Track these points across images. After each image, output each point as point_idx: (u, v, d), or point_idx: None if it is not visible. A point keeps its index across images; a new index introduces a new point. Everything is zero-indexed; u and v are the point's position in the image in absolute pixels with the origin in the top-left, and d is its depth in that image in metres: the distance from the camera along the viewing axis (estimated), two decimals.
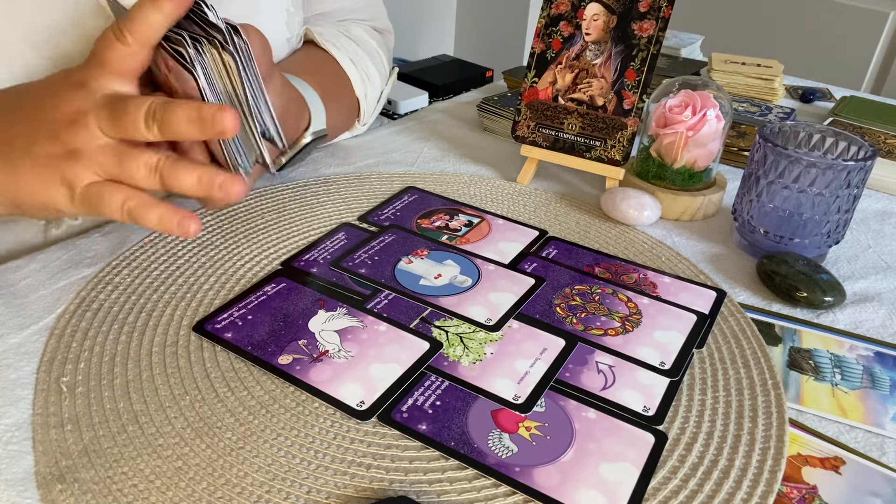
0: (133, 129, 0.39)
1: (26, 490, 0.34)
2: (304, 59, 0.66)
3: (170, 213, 0.41)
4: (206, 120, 0.39)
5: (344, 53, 0.69)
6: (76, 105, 0.40)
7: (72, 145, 0.40)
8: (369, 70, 0.71)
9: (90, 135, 0.40)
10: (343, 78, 0.68)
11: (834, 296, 0.53)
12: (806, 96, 1.01)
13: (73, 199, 0.41)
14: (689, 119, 0.62)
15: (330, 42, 0.68)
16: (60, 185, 0.41)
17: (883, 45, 1.86)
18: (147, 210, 0.40)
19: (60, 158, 0.40)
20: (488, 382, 0.42)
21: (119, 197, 0.40)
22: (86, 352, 0.43)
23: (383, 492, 0.35)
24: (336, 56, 0.68)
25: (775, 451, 0.39)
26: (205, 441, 0.37)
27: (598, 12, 0.64)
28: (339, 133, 0.73)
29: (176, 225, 0.41)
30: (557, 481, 0.36)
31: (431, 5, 2.39)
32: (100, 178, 0.41)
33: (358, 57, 0.70)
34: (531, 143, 0.68)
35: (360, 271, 0.52)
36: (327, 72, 0.66)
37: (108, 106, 0.40)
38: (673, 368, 0.44)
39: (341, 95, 0.67)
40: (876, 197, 0.73)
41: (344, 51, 0.69)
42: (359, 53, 0.71)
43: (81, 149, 0.40)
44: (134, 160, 0.40)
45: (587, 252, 0.57)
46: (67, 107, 0.40)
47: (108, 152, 0.40)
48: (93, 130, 0.40)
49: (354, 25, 0.75)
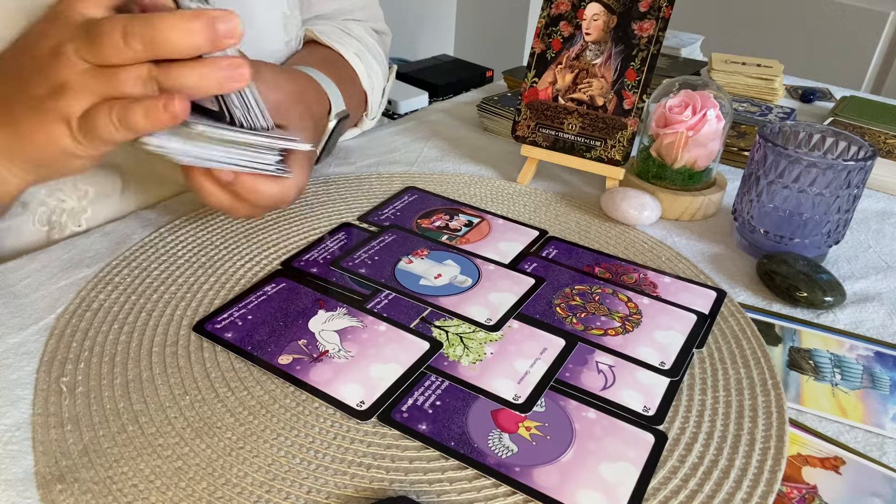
0: (112, 48, 0.37)
1: (26, 490, 0.34)
2: (311, 56, 0.66)
3: (152, 100, 0.38)
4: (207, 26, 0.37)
5: (349, 49, 0.69)
6: (54, 38, 0.39)
7: (57, 80, 0.39)
8: (372, 65, 0.72)
9: (71, 63, 0.38)
10: (350, 71, 0.68)
11: (834, 296, 0.53)
12: (806, 96, 1.01)
13: (73, 135, 0.40)
14: (690, 119, 0.62)
15: (333, 39, 0.68)
16: (58, 123, 0.39)
17: (883, 45, 1.86)
18: (131, 109, 0.38)
19: (50, 96, 0.39)
20: (488, 382, 0.42)
21: (105, 111, 0.39)
22: (86, 352, 0.43)
23: (383, 492, 0.35)
24: (341, 52, 0.68)
25: (775, 451, 0.39)
26: (205, 441, 0.37)
27: (598, 12, 0.64)
28: (350, 126, 0.72)
29: (163, 108, 0.38)
30: (557, 481, 0.36)
31: (431, 5, 2.39)
32: (90, 103, 0.39)
33: (362, 52, 0.70)
34: (531, 143, 0.68)
35: (360, 271, 0.52)
36: (336, 66, 0.66)
37: (83, 31, 0.38)
38: (673, 368, 0.44)
39: (351, 88, 0.67)
40: (876, 197, 0.73)
41: (349, 46, 0.69)
42: (361, 49, 0.71)
43: (66, 80, 0.38)
44: (123, 73, 0.38)
45: (587, 252, 0.57)
46: (46, 42, 0.39)
47: (94, 75, 0.38)
48: (73, 59, 0.38)
49: (355, 25, 0.76)
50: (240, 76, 0.39)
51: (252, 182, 0.47)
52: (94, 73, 0.39)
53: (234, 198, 0.48)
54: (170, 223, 0.57)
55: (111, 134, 0.39)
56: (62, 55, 0.39)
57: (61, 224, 0.55)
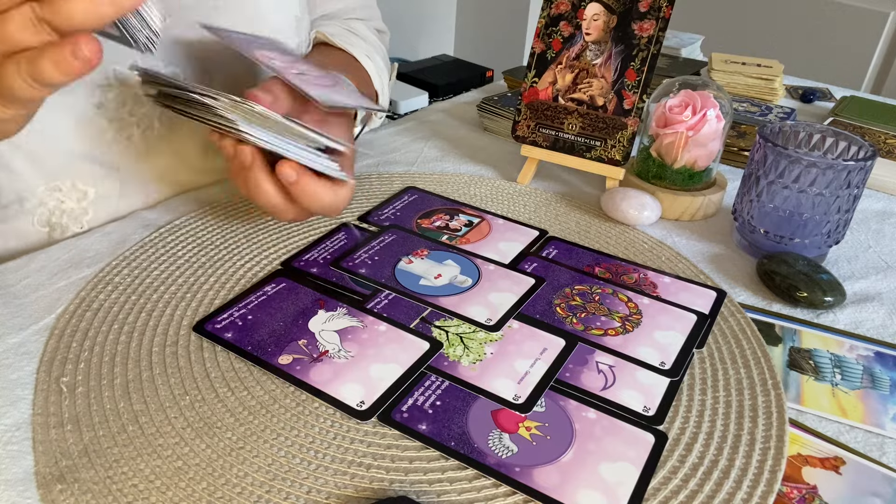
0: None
1: (26, 490, 0.34)
2: (327, 59, 0.66)
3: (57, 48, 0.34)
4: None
5: (360, 50, 0.69)
6: None
7: None
8: (380, 64, 0.72)
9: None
10: (363, 73, 0.68)
11: (834, 296, 0.53)
12: (806, 96, 1.01)
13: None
14: (690, 119, 0.62)
15: (345, 41, 0.69)
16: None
17: (883, 45, 1.86)
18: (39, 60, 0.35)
19: None
20: (488, 382, 0.42)
21: (14, 71, 0.35)
22: (86, 352, 0.43)
23: (383, 492, 0.35)
24: (354, 54, 0.68)
25: (775, 451, 0.39)
26: (205, 441, 0.37)
27: (598, 12, 0.64)
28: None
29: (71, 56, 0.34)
30: (557, 481, 0.36)
31: (431, 5, 2.39)
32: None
33: (371, 52, 0.71)
34: (531, 143, 0.68)
35: (360, 271, 0.52)
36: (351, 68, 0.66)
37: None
38: (673, 368, 0.44)
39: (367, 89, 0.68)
40: (876, 197, 0.73)
41: (359, 48, 0.69)
42: (370, 49, 0.71)
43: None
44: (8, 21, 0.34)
45: (587, 252, 0.57)
46: None
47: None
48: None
49: (357, 24, 0.76)
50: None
51: (313, 185, 0.48)
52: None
53: (288, 200, 0.49)
54: (170, 223, 0.57)
55: (29, 92, 0.36)
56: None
57: (62, 225, 0.55)
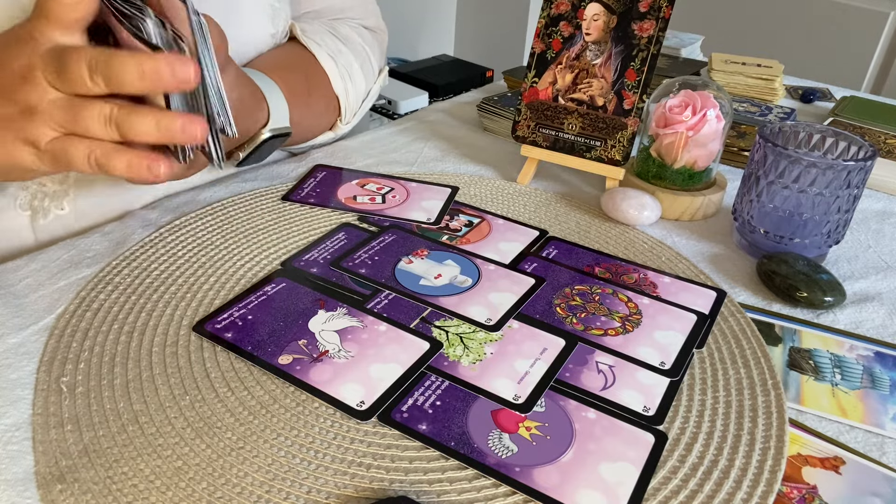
0: (78, 83, 0.38)
1: (26, 490, 0.34)
2: (280, 56, 0.65)
3: (138, 157, 0.40)
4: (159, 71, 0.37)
5: (323, 50, 0.67)
6: (24, 61, 0.39)
7: (26, 103, 0.39)
8: (352, 67, 0.70)
9: (41, 90, 0.39)
10: (320, 75, 0.67)
11: (834, 296, 0.53)
12: (806, 96, 1.01)
13: (40, 157, 0.40)
14: (690, 119, 0.62)
15: (311, 38, 0.67)
16: (24, 145, 0.40)
17: (883, 45, 1.86)
18: (114, 157, 0.40)
19: (17, 118, 0.39)
20: (488, 382, 0.42)
21: (83, 149, 0.40)
22: (86, 352, 0.43)
23: (383, 492, 0.35)
24: (315, 52, 0.67)
25: (775, 451, 0.39)
26: (205, 441, 0.37)
27: (598, 12, 0.64)
28: (316, 132, 0.71)
29: (146, 168, 0.40)
30: (557, 481, 0.36)
31: (431, 5, 2.39)
32: (59, 133, 0.40)
33: (339, 54, 0.69)
34: (531, 143, 0.68)
35: (360, 271, 0.52)
36: (301, 69, 0.65)
37: (53, 60, 0.39)
38: (673, 368, 0.44)
39: (315, 93, 0.66)
40: (876, 197, 0.73)
41: (324, 47, 0.68)
42: (341, 50, 0.70)
43: (36, 105, 0.39)
44: (87, 111, 0.39)
45: (587, 252, 0.57)
46: (16, 63, 0.39)
47: (62, 106, 0.39)
48: (43, 85, 0.39)
49: (343, 24, 0.75)
50: (194, 130, 0.40)
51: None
52: (64, 106, 0.39)
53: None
54: (170, 223, 0.57)
55: (83, 168, 0.40)
56: (33, 80, 0.39)
57: (44, 208, 0.54)
